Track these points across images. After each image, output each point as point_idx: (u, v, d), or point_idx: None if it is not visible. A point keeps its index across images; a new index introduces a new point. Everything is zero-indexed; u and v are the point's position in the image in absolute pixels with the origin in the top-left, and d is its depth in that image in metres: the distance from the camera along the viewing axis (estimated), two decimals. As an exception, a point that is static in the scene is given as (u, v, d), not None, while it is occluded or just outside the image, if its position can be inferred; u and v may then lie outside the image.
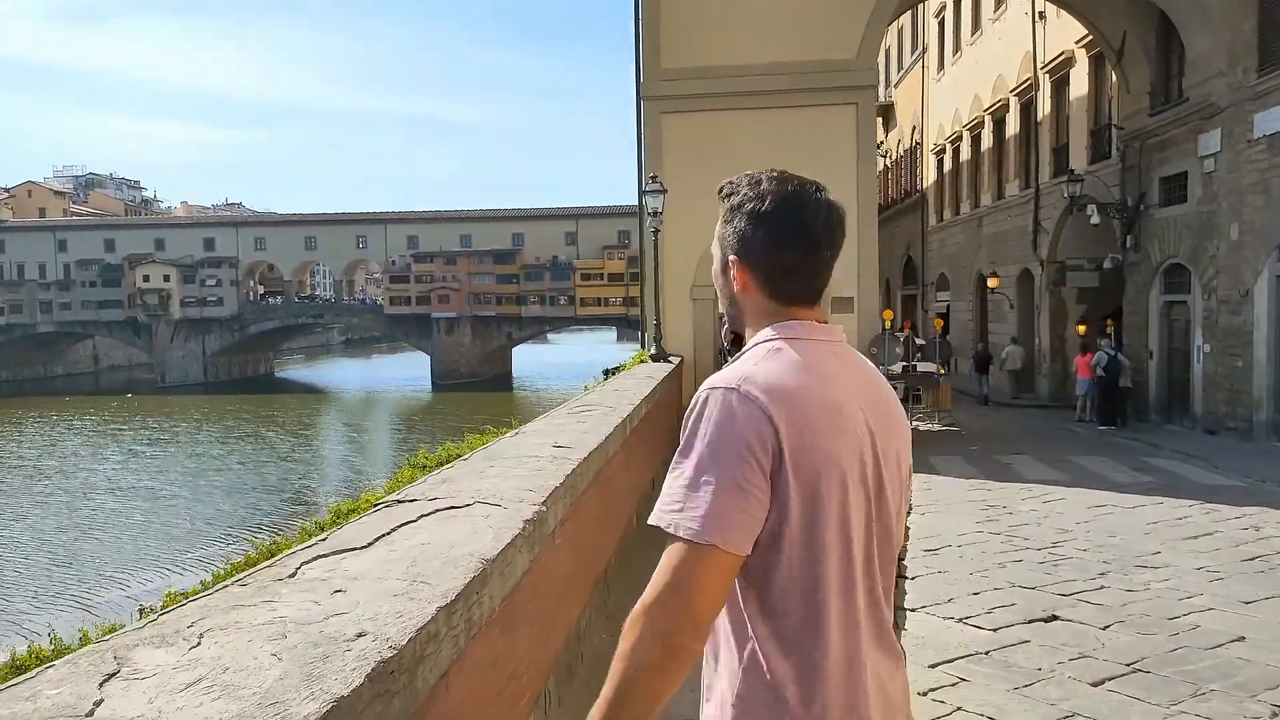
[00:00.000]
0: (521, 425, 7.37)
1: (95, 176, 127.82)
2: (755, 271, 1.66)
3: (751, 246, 1.65)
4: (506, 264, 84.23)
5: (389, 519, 3.46)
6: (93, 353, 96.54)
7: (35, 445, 51.84)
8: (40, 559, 28.74)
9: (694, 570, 1.42)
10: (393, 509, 3.71)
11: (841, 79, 17.11)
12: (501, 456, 5.05)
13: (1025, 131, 26.83)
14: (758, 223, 1.64)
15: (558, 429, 6.40)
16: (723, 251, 1.72)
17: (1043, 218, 25.07)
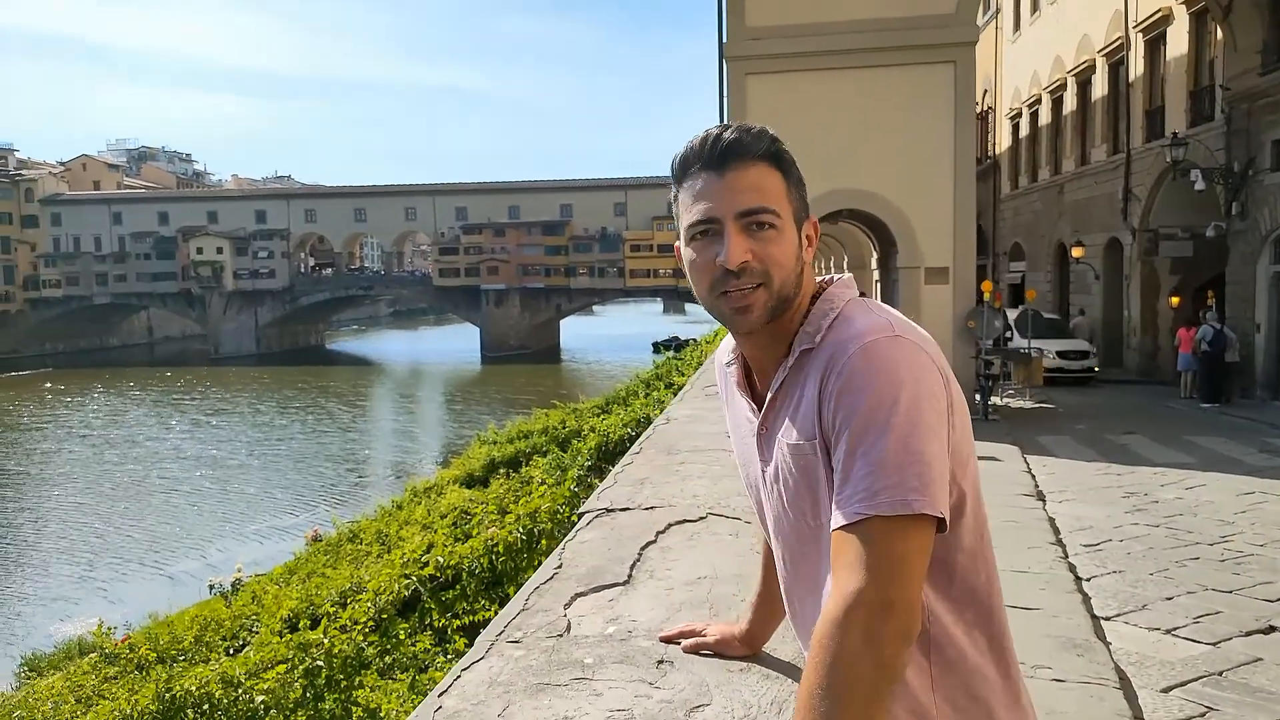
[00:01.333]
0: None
1: (148, 150, 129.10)
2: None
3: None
4: (555, 235, 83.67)
5: (619, 536, 2.85)
6: (147, 324, 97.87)
7: (101, 415, 52.62)
8: (117, 527, 29.03)
9: (907, 548, 1.24)
10: (607, 519, 3.11)
11: (938, 35, 16.11)
12: (678, 449, 4.43)
13: (1114, 94, 25.53)
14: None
15: (708, 413, 5.78)
16: (796, 218, 1.48)
17: (1134, 184, 23.86)
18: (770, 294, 1.41)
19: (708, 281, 1.43)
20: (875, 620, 1.19)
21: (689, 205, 1.44)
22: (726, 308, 1.44)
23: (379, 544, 12.66)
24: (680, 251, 1.50)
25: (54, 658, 16.65)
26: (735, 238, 1.39)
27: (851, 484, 1.27)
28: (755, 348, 1.51)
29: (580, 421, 16.39)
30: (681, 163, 1.47)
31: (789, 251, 1.42)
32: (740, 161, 1.40)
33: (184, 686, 5.94)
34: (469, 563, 5.98)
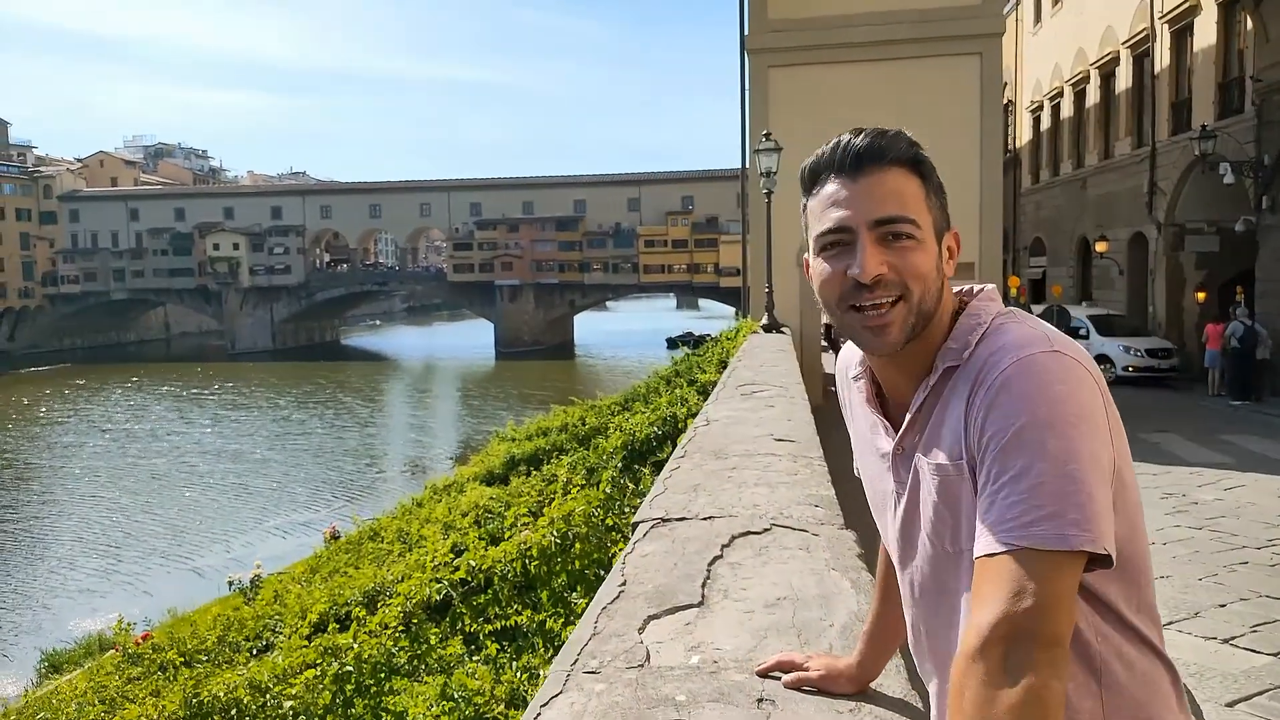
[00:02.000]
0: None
1: (164, 146, 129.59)
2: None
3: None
4: (569, 231, 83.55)
5: (682, 550, 2.69)
6: (164, 320, 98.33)
7: (123, 410, 52.95)
8: (137, 521, 29.14)
9: (1060, 585, 1.12)
10: (665, 530, 2.95)
11: (964, 26, 15.91)
12: (727, 453, 4.27)
13: (1138, 86, 25.21)
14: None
15: (748, 414, 5.62)
16: (936, 228, 1.38)
17: (1159, 178, 23.56)
18: (909, 309, 1.32)
19: (837, 294, 1.35)
20: (1021, 653, 1.08)
21: (819, 214, 1.36)
22: (860, 325, 1.34)
23: (400, 542, 12.54)
24: (809, 265, 1.42)
25: (74, 653, 16.64)
26: (870, 248, 1.30)
27: (1000, 510, 1.16)
28: (891, 367, 1.41)
29: (600, 419, 16.25)
30: (811, 170, 1.39)
31: (929, 263, 1.33)
32: (875, 166, 1.32)
33: (211, 692, 5.83)
34: (501, 567, 5.84)
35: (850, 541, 2.78)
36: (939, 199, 1.37)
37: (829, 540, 2.77)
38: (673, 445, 7.94)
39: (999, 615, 1.11)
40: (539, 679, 4.73)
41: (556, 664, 1.93)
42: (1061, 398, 1.18)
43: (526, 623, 5.78)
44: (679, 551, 2.67)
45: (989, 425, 1.20)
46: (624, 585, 2.39)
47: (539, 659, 5.29)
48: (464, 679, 5.08)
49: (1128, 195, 25.24)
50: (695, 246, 79.78)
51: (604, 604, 2.26)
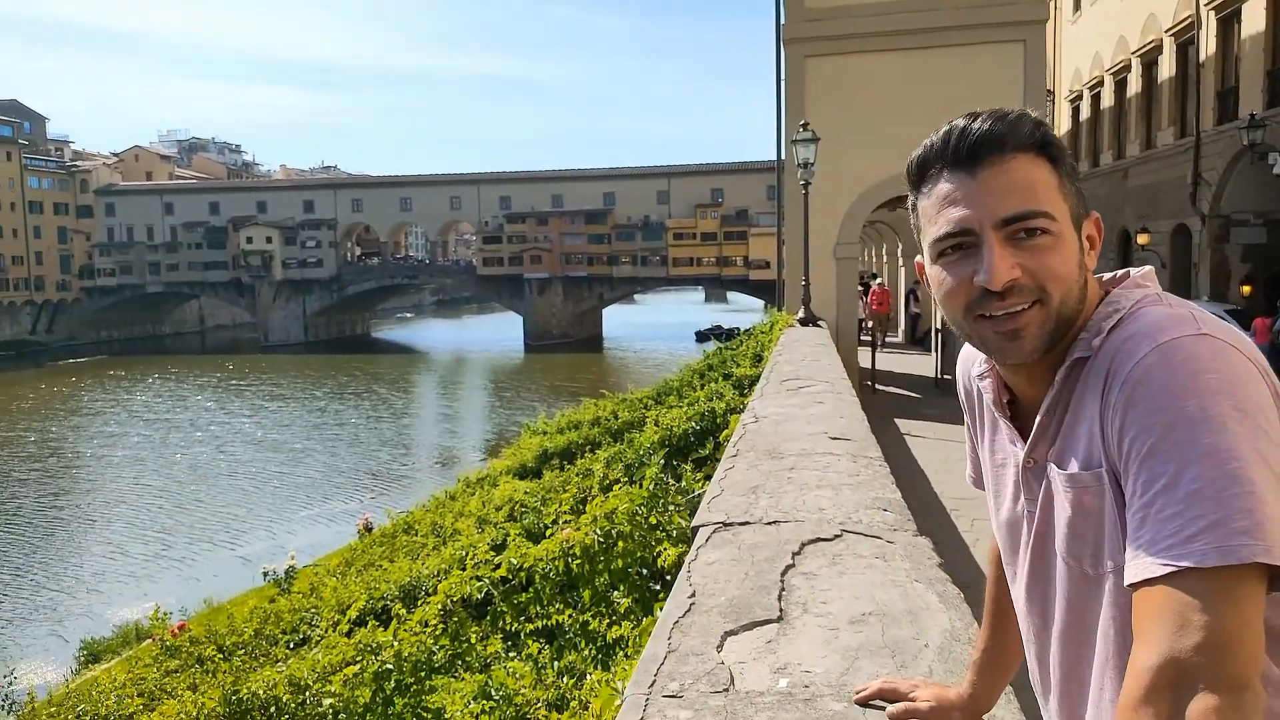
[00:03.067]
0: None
1: (198, 141, 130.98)
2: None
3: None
4: (598, 224, 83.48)
5: (751, 558, 2.55)
6: (199, 313, 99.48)
7: (164, 401, 53.75)
8: (179, 510, 29.52)
9: (1238, 608, 0.93)
10: (729, 536, 2.81)
11: (1007, 13, 15.58)
12: (783, 452, 4.12)
13: (1182, 75, 24.65)
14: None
15: (797, 410, 5.46)
16: (1074, 217, 1.21)
17: (1204, 168, 23.03)
18: (1048, 313, 1.16)
19: (963, 303, 1.19)
20: (1194, 702, 0.91)
21: (933, 215, 1.21)
22: (990, 332, 1.19)
23: (435, 536, 12.51)
24: (924, 271, 1.27)
25: (112, 643, 16.81)
26: (998, 250, 1.15)
27: (1154, 526, 0.99)
28: (1021, 368, 1.25)
29: (633, 412, 16.13)
30: (919, 164, 1.25)
31: (1069, 260, 1.17)
32: (997, 156, 1.16)
33: (250, 689, 5.77)
34: (543, 565, 5.74)
35: (928, 550, 2.63)
36: (1074, 184, 1.21)
37: (906, 549, 2.61)
38: (713, 441, 7.81)
39: (1163, 656, 0.93)
40: (584, 680, 4.61)
41: (633, 686, 1.80)
42: (1214, 388, 1.00)
43: (568, 622, 5.68)
44: (747, 560, 2.53)
45: (1130, 426, 1.04)
46: (693, 597, 2.26)
47: (579, 658, 5.19)
48: (504, 678, 4.98)
49: (1170, 186, 24.73)
50: (725, 239, 79.42)
51: (675, 618, 2.13)
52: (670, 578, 4.93)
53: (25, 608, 21.63)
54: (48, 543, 26.77)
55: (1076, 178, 1.22)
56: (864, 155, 15.92)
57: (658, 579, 5.27)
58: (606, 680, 3.89)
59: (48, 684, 14.75)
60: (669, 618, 2.13)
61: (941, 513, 7.84)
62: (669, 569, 5.04)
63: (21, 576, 23.84)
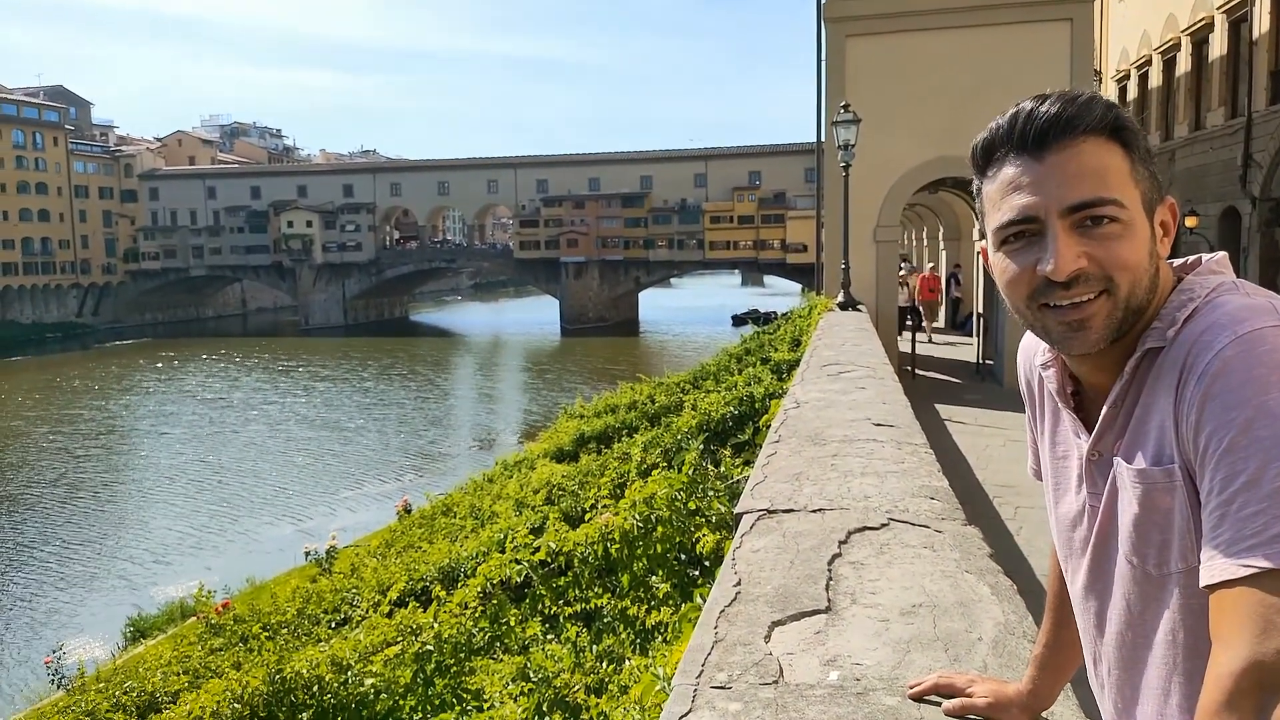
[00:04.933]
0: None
1: (239, 125, 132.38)
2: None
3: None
4: (634, 207, 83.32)
5: (796, 547, 2.52)
6: (241, 296, 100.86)
7: (218, 381, 54.93)
8: (234, 487, 30.14)
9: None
10: (773, 523, 2.78)
11: (1054, -8, 15.24)
12: (825, 438, 4.08)
13: (1234, 54, 24.02)
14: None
15: (839, 396, 5.41)
16: (1146, 203, 1.16)
17: (1255, 150, 22.47)
18: (1116, 303, 1.12)
19: (1026, 292, 1.15)
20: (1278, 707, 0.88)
21: (997, 201, 1.16)
22: (1054, 322, 1.15)
23: (473, 518, 12.60)
24: (989, 258, 1.22)
25: (158, 620, 17.16)
26: (1064, 239, 1.11)
27: (1234, 525, 0.95)
28: (1089, 357, 1.20)
29: (670, 397, 16.11)
30: (984, 147, 1.19)
31: (1140, 249, 1.12)
32: (1066, 139, 1.11)
33: (294, 668, 5.85)
34: (582, 549, 5.74)
35: (978, 540, 2.58)
36: (1147, 168, 1.15)
37: (955, 539, 2.57)
38: (752, 426, 7.77)
39: (1246, 659, 0.90)
40: (623, 665, 4.61)
41: (680, 676, 1.77)
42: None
43: (607, 606, 5.68)
44: (793, 548, 2.49)
45: (1207, 421, 1.00)
46: (739, 586, 2.23)
47: (617, 642, 5.19)
48: (543, 660, 5.00)
49: (1220, 168, 24.16)
50: (762, 222, 78.91)
51: (721, 606, 2.10)
52: (709, 564, 4.91)
53: (75, 583, 22.14)
54: (98, 519, 27.38)
55: (1151, 162, 1.16)
56: (905, 137, 15.70)
57: (696, 565, 5.26)
58: (646, 666, 3.88)
59: (95, 660, 15.09)
60: (714, 606, 2.11)
61: (984, 501, 7.74)
62: (708, 555, 5.03)
63: (72, 552, 24.40)
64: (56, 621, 19.66)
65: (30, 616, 20.17)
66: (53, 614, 20.21)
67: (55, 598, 21.23)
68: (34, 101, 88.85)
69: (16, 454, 36.50)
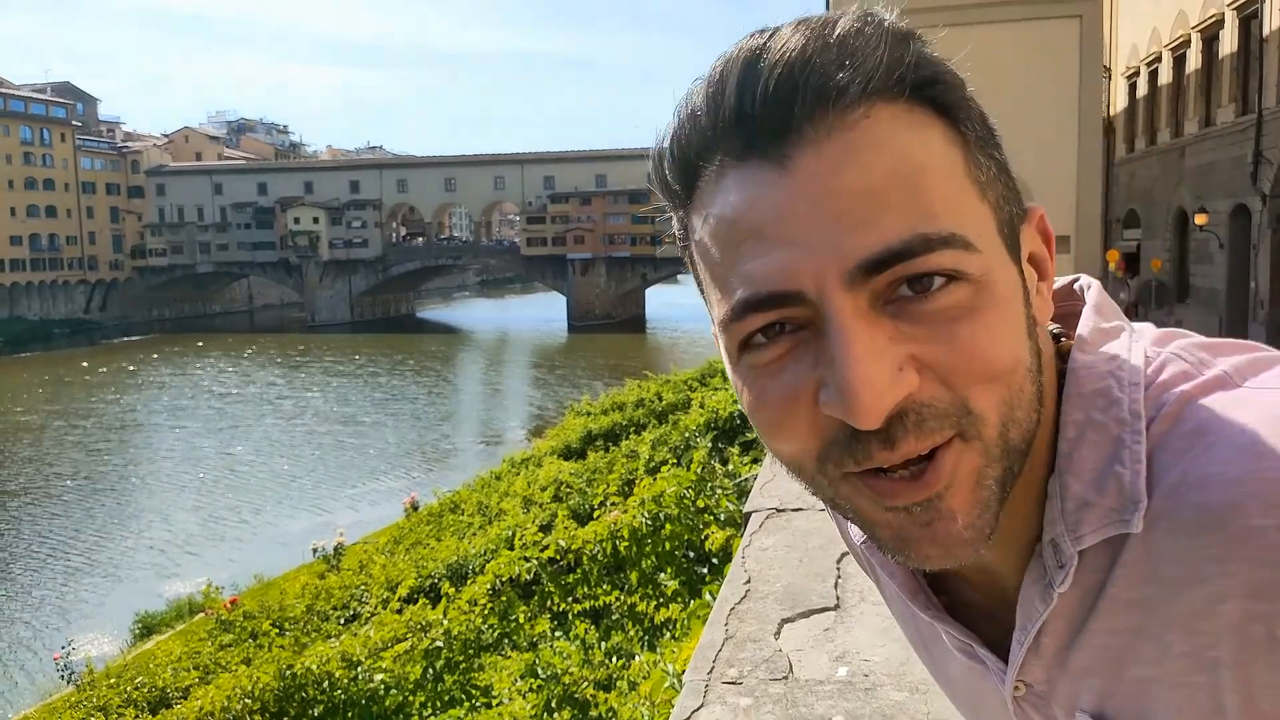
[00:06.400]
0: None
1: (246, 122, 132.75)
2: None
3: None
4: (641, 204, 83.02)
5: (805, 545, 2.55)
6: (247, 292, 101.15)
7: (230, 376, 55.29)
8: (242, 482, 30.28)
9: None
10: (782, 521, 2.81)
11: (1062, -11, 15.18)
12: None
13: (1244, 50, 23.93)
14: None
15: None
16: (1002, 228, 0.61)
17: (1266, 146, 22.38)
18: (986, 454, 0.57)
19: (813, 449, 0.58)
20: None
21: (717, 264, 0.60)
22: (879, 513, 0.58)
23: (480, 515, 12.65)
24: (727, 366, 0.63)
25: (166, 616, 17.24)
26: (860, 333, 0.54)
27: None
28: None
29: (677, 394, 16.13)
30: (679, 156, 0.64)
31: (1011, 327, 0.58)
32: (830, 117, 0.55)
33: (304, 664, 5.90)
34: (591, 547, 5.79)
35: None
36: (991, 156, 0.61)
37: None
38: (760, 424, 7.78)
39: None
40: (632, 662, 4.65)
41: (691, 671, 1.80)
42: None
43: (615, 603, 5.72)
44: (801, 546, 2.52)
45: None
46: (749, 584, 2.26)
47: (626, 639, 5.23)
48: (552, 657, 5.03)
49: (1230, 165, 24.08)
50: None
51: (731, 604, 2.13)
52: (717, 561, 4.94)
53: (83, 578, 22.26)
54: (107, 514, 27.53)
55: (996, 144, 0.62)
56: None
57: (704, 562, 5.28)
58: (655, 662, 3.92)
59: (106, 655, 15.19)
60: (725, 603, 2.13)
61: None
62: (716, 552, 5.06)
63: (81, 546, 24.52)
64: (65, 617, 19.77)
65: (39, 611, 20.30)
66: (61, 609, 20.34)
67: (63, 592, 21.35)
68: (41, 98, 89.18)
69: (31, 449, 36.76)
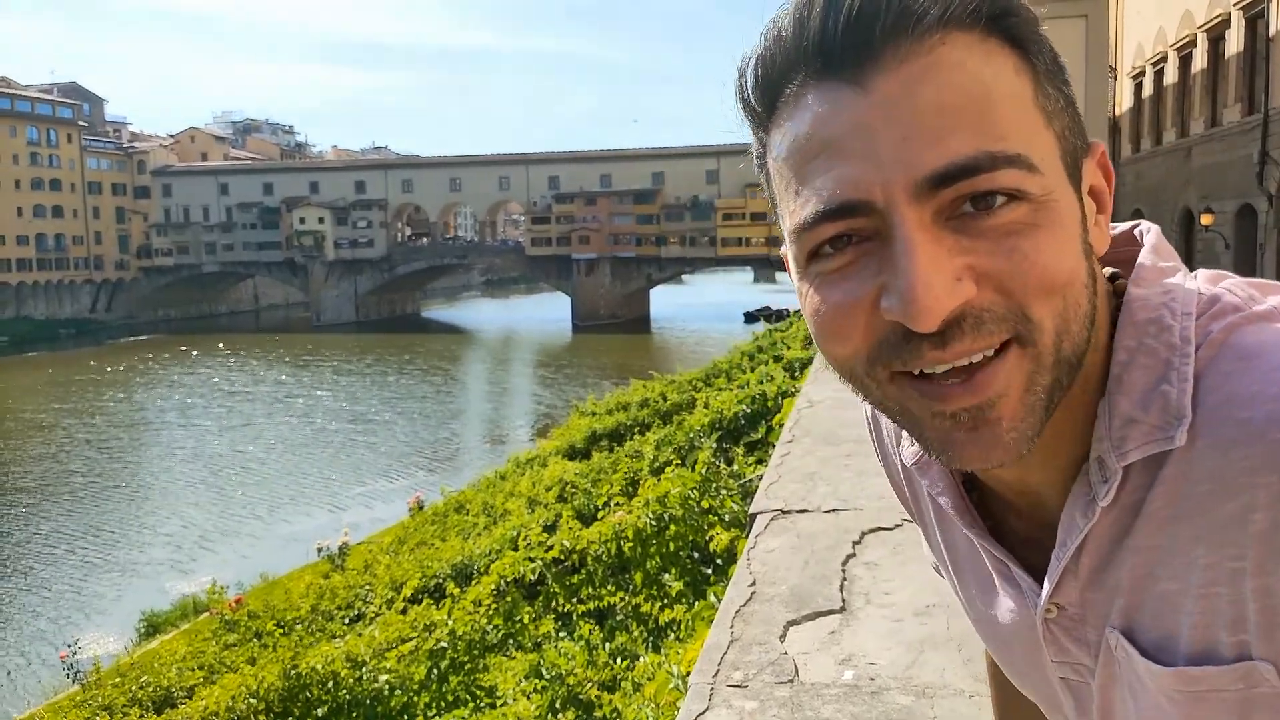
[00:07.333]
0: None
1: (252, 122, 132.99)
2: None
3: None
4: (646, 204, 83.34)
5: (811, 547, 2.54)
6: (253, 292, 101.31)
7: (240, 375, 55.55)
8: (268, 478, 30.45)
9: None
10: (788, 524, 2.80)
11: (1068, -11, 15.16)
12: (839, 438, 4.10)
13: (1250, 50, 23.87)
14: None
15: (851, 394, 5.41)
16: (1066, 156, 0.63)
17: (1272, 146, 22.33)
18: (1039, 361, 0.59)
19: (861, 350, 0.62)
20: None
21: (790, 178, 0.63)
22: (926, 411, 0.62)
23: (485, 515, 12.66)
24: (791, 273, 0.69)
25: (171, 615, 17.28)
26: (924, 243, 0.57)
27: None
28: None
29: (682, 395, 16.13)
30: (761, 72, 0.65)
31: (1069, 245, 0.60)
32: (908, 41, 0.58)
33: (309, 664, 5.91)
34: (595, 548, 5.78)
35: (991, 540, 2.59)
36: (1060, 89, 0.63)
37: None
38: (765, 424, 7.78)
39: None
40: (637, 663, 4.64)
41: (697, 674, 1.80)
42: None
43: (620, 604, 5.72)
44: (807, 548, 2.51)
45: None
46: (754, 586, 2.25)
47: (630, 640, 5.22)
48: (556, 657, 5.03)
49: (1236, 165, 24.02)
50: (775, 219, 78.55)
51: (737, 606, 2.12)
52: (722, 562, 4.93)
53: (88, 577, 22.31)
54: (112, 513, 27.56)
55: (1064, 79, 0.64)
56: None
57: (709, 563, 5.27)
58: (660, 663, 3.91)
59: (111, 654, 15.22)
60: (730, 605, 2.13)
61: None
62: (721, 553, 5.05)
63: (86, 546, 24.58)
64: (70, 615, 19.82)
65: (47, 609, 20.35)
66: (68, 607, 20.39)
67: (71, 590, 21.40)
68: (48, 98, 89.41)
69: (42, 446, 36.89)
